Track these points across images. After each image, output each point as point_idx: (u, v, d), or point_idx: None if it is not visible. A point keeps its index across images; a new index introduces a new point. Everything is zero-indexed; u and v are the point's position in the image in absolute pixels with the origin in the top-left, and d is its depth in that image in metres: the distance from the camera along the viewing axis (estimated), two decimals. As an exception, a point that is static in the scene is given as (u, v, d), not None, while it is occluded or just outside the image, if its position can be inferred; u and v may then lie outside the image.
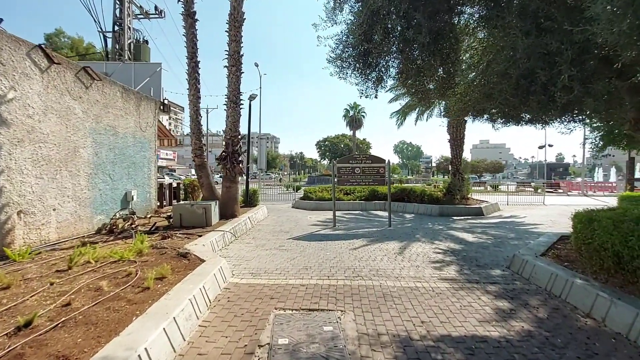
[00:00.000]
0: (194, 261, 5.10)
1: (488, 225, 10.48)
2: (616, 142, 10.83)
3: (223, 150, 10.06)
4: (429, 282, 4.81)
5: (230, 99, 9.85)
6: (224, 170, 9.91)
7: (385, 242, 7.62)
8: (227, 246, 7.17)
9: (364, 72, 5.90)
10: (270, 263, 5.84)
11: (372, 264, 5.74)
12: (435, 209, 13.05)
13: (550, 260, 5.21)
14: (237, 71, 9.82)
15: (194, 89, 11.46)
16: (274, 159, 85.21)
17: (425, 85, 5.95)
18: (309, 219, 11.49)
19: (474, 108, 5.21)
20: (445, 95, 5.81)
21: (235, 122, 9.93)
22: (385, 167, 10.13)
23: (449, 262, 5.98)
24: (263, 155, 25.51)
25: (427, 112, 19.03)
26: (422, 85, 5.94)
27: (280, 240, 7.91)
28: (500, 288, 4.61)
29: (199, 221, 8.50)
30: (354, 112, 54.62)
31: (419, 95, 6.35)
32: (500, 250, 7.00)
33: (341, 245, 7.29)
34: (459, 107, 5.50)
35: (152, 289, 3.91)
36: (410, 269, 5.47)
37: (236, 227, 8.39)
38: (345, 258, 6.18)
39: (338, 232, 9.09)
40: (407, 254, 6.56)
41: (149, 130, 10.57)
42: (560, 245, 6.34)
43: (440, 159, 68.85)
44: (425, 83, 5.78)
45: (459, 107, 5.50)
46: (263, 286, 4.56)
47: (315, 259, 6.09)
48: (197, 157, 11.48)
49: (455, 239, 8.15)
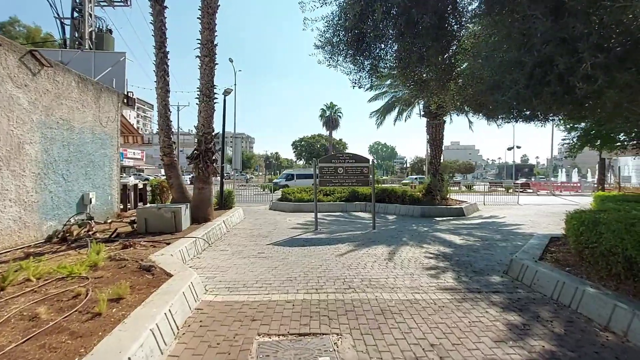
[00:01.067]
0: (160, 276, 4.36)
1: (471, 226, 10.29)
2: (592, 143, 10.97)
3: (195, 148, 9.24)
4: (428, 293, 4.34)
5: (203, 92, 9.06)
6: (196, 170, 9.09)
7: (373, 247, 7.15)
8: (200, 254, 6.42)
9: (357, 59, 5.37)
10: (249, 274, 5.19)
11: (363, 273, 5.23)
12: (417, 210, 12.80)
13: (551, 265, 4.90)
14: (210, 62, 9.04)
15: (163, 81, 10.54)
16: (249, 159, 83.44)
17: (425, 76, 5.50)
18: (288, 222, 10.86)
19: (476, 101, 4.83)
20: (445, 87, 5.41)
21: (208, 118, 9.14)
22: (370, 167, 9.69)
23: (443, 268, 5.57)
24: (238, 155, 24.58)
25: (407, 112, 18.90)
26: (421, 76, 5.49)
27: (259, 246, 7.24)
28: (505, 298, 4.22)
29: (167, 226, 7.67)
30: (331, 112, 54.35)
31: (417, 86, 5.91)
32: (491, 253, 6.71)
33: (326, 251, 6.73)
34: (458, 101, 5.12)
35: (105, 315, 3.18)
36: (405, 278, 5.00)
37: (210, 232, 7.63)
38: (333, 266, 5.63)
39: (321, 236, 8.53)
40: (397, 259, 6.11)
41: (111, 126, 9.55)
42: (553, 247, 6.12)
43: (414, 160, 69.99)
44: (425, 73, 5.34)
45: (458, 101, 5.12)
46: (242, 304, 3.91)
47: (299, 268, 5.50)
48: (166, 156, 10.56)
49: (443, 241, 7.82)
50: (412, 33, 4.37)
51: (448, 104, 5.89)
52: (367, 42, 5.02)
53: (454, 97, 5.21)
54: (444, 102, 6.12)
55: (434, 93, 5.56)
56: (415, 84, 5.79)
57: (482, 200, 18.46)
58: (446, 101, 5.80)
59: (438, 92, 5.48)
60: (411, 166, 70.66)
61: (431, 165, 16.72)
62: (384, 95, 18.51)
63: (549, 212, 14.22)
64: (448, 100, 5.59)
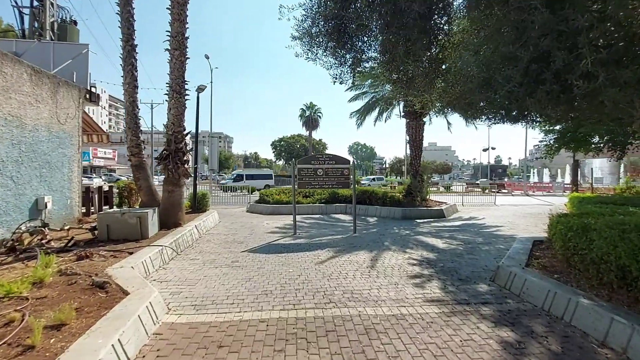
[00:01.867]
0: (114, 294, 3.83)
1: (453, 228, 10.17)
2: (568, 145, 11.13)
3: (164, 148, 8.60)
4: (415, 307, 4.03)
5: (172, 87, 8.44)
6: (165, 171, 8.46)
7: (354, 253, 6.81)
8: (167, 265, 5.87)
9: (338, 52, 4.99)
10: (220, 287, 4.71)
11: (345, 284, 4.86)
12: (397, 212, 12.61)
13: (539, 273, 4.71)
14: (181, 55, 8.44)
15: (130, 76, 9.85)
16: (226, 159, 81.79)
17: (411, 72, 5.17)
18: (265, 226, 10.38)
19: (464, 100, 4.56)
20: (432, 84, 5.11)
21: (179, 115, 8.53)
22: (350, 168, 9.37)
23: (428, 276, 5.29)
24: (215, 155, 23.77)
25: (387, 113, 18.77)
26: (407, 72, 5.16)
27: (234, 253, 6.75)
28: (495, 310, 3.97)
29: (132, 233, 7.04)
30: (311, 112, 53.98)
31: (402, 83, 5.57)
32: (475, 258, 6.51)
33: (305, 259, 6.33)
34: (445, 100, 4.84)
35: (40, 349, 2.67)
36: (389, 288, 4.67)
37: (179, 239, 7.06)
38: (312, 276, 5.23)
39: (300, 241, 8.12)
40: (380, 267, 5.79)
41: (70, 123, 8.77)
42: (538, 252, 5.98)
43: (393, 160, 70.72)
44: (411, 69, 5.01)
45: (445, 100, 4.84)
46: (209, 326, 3.45)
47: (276, 279, 5.07)
48: (134, 156, 9.86)
49: (426, 245, 7.59)
50: (398, 24, 4.03)
51: (434, 103, 5.62)
52: (349, 34, 4.65)
53: (440, 96, 4.93)
54: (430, 101, 5.85)
55: (421, 90, 5.27)
56: (400, 81, 5.46)
57: (460, 201, 18.62)
58: (432, 100, 5.54)
59: (424, 90, 5.19)
60: (390, 167, 71.37)
61: (411, 166, 16.64)
62: (364, 96, 18.32)
63: (526, 213, 14.42)
64: (434, 99, 5.32)
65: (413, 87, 5.20)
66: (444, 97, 4.87)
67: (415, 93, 5.51)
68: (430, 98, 5.29)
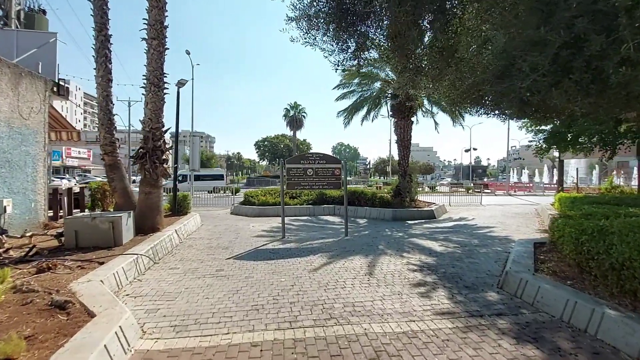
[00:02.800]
0: (78, 316, 3.23)
1: (445, 230, 9.90)
2: (558, 145, 11.09)
3: (141, 146, 7.92)
4: (426, 321, 3.62)
5: (150, 80, 7.77)
6: (142, 171, 7.78)
7: (349, 258, 6.37)
8: (142, 275, 5.25)
9: (340, 35, 4.52)
10: (204, 301, 4.16)
11: (344, 295, 4.40)
12: (388, 213, 12.28)
13: (551, 279, 4.40)
14: (159, 46, 7.78)
15: (104, 69, 9.11)
16: (208, 159, 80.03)
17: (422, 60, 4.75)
18: (252, 229, 9.81)
19: (478, 92, 4.19)
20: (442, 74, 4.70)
21: (157, 111, 7.87)
22: (341, 168, 8.93)
23: (432, 283, 4.91)
24: (196, 155, 22.89)
25: (374, 112, 18.47)
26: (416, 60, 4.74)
27: (218, 261, 6.18)
28: (513, 323, 3.60)
29: (104, 240, 6.37)
30: (295, 111, 53.40)
31: (409, 73, 5.12)
32: (475, 262, 6.19)
33: (297, 266, 5.84)
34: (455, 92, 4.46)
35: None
36: (394, 299, 4.25)
37: (157, 245, 6.43)
38: (307, 286, 4.75)
39: (289, 245, 7.61)
40: (379, 274, 5.37)
41: (35, 118, 7.96)
42: (542, 255, 5.71)
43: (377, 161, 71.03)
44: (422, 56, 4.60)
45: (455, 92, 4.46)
46: (192, 353, 2.92)
47: (267, 290, 4.56)
48: (107, 155, 9.12)
49: (423, 249, 7.24)
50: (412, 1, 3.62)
51: (442, 96, 5.25)
52: (353, 14, 4.19)
53: (451, 87, 4.53)
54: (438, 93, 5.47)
55: (431, 81, 4.86)
56: (408, 70, 5.02)
57: (447, 201, 18.53)
58: (441, 92, 5.16)
59: (434, 80, 4.79)
60: (374, 167, 71.69)
61: (400, 166, 16.40)
62: (352, 94, 17.95)
63: (513, 213, 14.38)
64: (443, 91, 4.93)
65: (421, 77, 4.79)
66: (452, 91, 4.49)
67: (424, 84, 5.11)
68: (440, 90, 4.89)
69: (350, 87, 17.41)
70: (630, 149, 10.01)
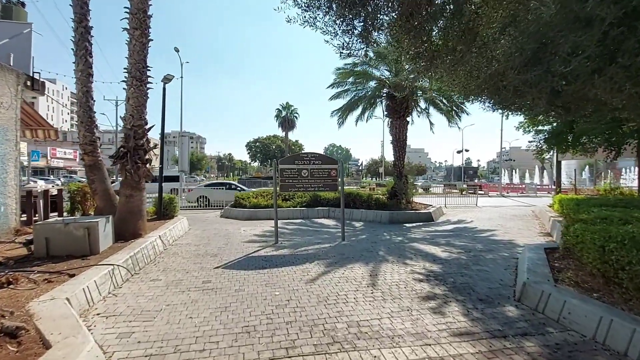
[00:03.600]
0: (30, 347, 2.67)
1: (446, 233, 9.49)
2: (558, 145, 10.79)
3: (121, 145, 7.30)
4: (443, 345, 3.14)
5: (132, 73, 7.17)
6: (122, 172, 7.17)
7: (348, 267, 5.88)
8: (119, 289, 4.67)
9: (344, 15, 4.01)
10: (187, 322, 3.62)
11: (347, 311, 3.90)
12: (385, 215, 11.84)
13: (577, 292, 3.97)
14: (142, 36, 7.19)
15: (84, 63, 8.53)
16: (199, 160, 78.90)
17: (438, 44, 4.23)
18: (242, 233, 9.25)
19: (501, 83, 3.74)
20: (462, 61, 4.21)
21: (139, 107, 7.27)
22: (338, 169, 8.45)
23: (442, 296, 4.44)
24: (185, 155, 22.14)
25: (369, 112, 18.04)
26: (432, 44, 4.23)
27: (206, 270, 5.63)
28: (542, 346, 3.15)
29: (78, 248, 5.76)
30: (287, 112, 52.82)
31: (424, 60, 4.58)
32: (484, 270, 5.76)
33: (293, 275, 5.32)
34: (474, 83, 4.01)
35: None
36: (403, 316, 3.77)
37: (138, 253, 5.84)
38: (305, 300, 4.24)
39: (283, 251, 7.09)
40: (383, 285, 4.89)
41: (5, 114, 7.29)
42: (556, 262, 5.31)
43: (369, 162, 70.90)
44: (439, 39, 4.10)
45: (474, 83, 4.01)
46: (168, 395, 2.38)
47: (260, 307, 4.03)
48: (87, 155, 8.53)
49: (426, 255, 6.79)
50: None
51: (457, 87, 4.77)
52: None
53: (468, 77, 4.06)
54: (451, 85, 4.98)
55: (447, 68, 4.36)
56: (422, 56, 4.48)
57: (442, 203, 18.23)
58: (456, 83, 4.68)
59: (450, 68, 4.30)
60: (367, 168, 71.50)
61: (395, 167, 16.02)
62: (346, 94, 17.48)
63: (511, 215, 14.09)
64: (458, 81, 4.45)
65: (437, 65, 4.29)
66: (470, 80, 4.03)
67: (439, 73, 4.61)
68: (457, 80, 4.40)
69: (345, 85, 16.97)
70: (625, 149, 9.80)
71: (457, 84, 4.29)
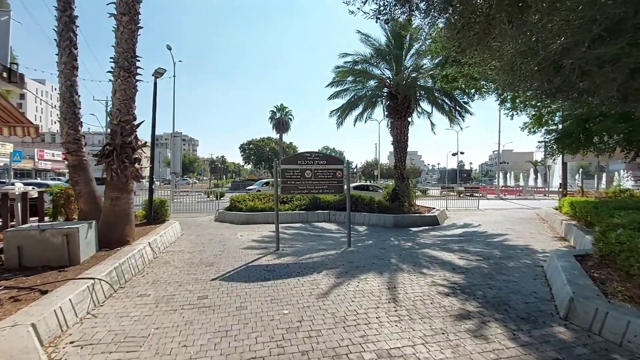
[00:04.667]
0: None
1: (456, 238, 8.94)
2: (569, 146, 10.36)
3: (107, 142, 6.61)
4: (499, 381, 2.55)
5: (119, 63, 6.51)
6: (108, 172, 6.47)
7: (361, 277, 5.27)
8: (99, 308, 3.99)
9: None
10: (181, 352, 2.97)
11: (372, 336, 3.29)
12: (389, 219, 11.26)
13: (638, 310, 3.43)
14: (130, 23, 6.53)
15: (68, 54, 7.86)
16: (191, 162, 77.74)
17: (485, 12, 3.55)
18: (240, 239, 8.58)
19: (569, 61, 3.15)
20: (519, 31, 3.53)
21: (127, 100, 6.59)
22: (344, 170, 7.85)
23: (477, 314, 3.86)
24: (178, 157, 21.43)
25: (367, 112, 17.50)
26: (477, 11, 3.58)
27: (201, 283, 4.97)
28: (618, 381, 2.58)
29: (56, 257, 5.08)
30: (281, 114, 52.17)
31: (475, 30, 3.84)
32: (512, 280, 5.20)
33: (301, 289, 4.70)
34: (525, 63, 3.41)
35: None
36: (440, 342, 3.17)
37: (123, 264, 5.15)
38: (320, 321, 3.62)
39: (286, 259, 6.45)
40: (406, 299, 4.29)
41: (-25, 108, 6.55)
42: (594, 272, 4.77)
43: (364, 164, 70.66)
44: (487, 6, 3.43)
45: (525, 63, 3.41)
46: None
47: (267, 330, 3.40)
48: (71, 155, 7.84)
49: (442, 263, 6.22)
50: None
51: (503, 71, 4.05)
52: None
53: (520, 56, 3.41)
54: (494, 70, 4.26)
55: (500, 42, 3.68)
56: (473, 27, 3.77)
57: (442, 205, 17.76)
58: (502, 64, 3.94)
59: (503, 43, 3.63)
60: (361, 170, 71.06)
61: (396, 169, 15.50)
62: (345, 93, 16.91)
63: (517, 218, 13.65)
64: (506, 60, 3.74)
65: (489, 40, 3.66)
66: (522, 62, 3.38)
67: (488, 53, 3.89)
68: (505, 58, 3.74)
69: (344, 84, 16.42)
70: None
71: (502, 65, 3.70)
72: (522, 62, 3.37)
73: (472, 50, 3.71)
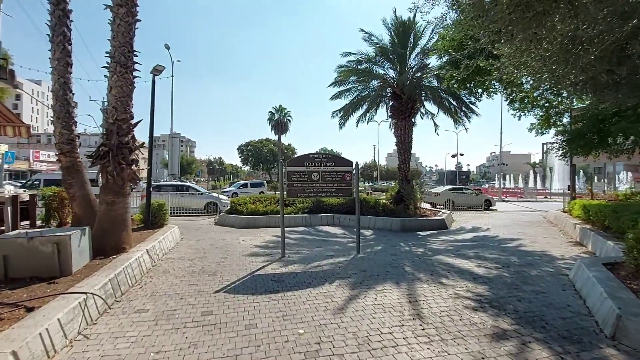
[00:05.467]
0: None
1: (468, 243, 8.57)
2: (583, 148, 10.04)
3: (102, 142, 6.19)
4: (563, 423, 2.16)
5: (115, 58, 6.09)
6: (103, 174, 6.05)
7: (377, 288, 4.88)
8: (92, 327, 3.58)
9: None
10: (185, 383, 2.57)
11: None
12: (395, 223, 10.87)
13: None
14: (127, 15, 6.13)
15: (61, 50, 7.48)
16: (189, 163, 77.14)
17: None
18: (242, 244, 8.17)
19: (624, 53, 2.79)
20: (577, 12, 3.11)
21: (124, 98, 6.18)
22: (353, 172, 7.47)
23: (514, 333, 3.47)
24: (176, 158, 20.99)
25: (370, 113, 17.14)
26: None
27: (204, 295, 4.56)
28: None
29: (45, 267, 4.66)
30: (280, 115, 51.79)
31: (531, 12, 3.38)
32: (540, 291, 4.82)
33: (314, 302, 4.30)
34: (576, 69, 3.01)
35: None
36: (480, 369, 2.78)
37: (119, 275, 4.74)
38: (340, 342, 3.22)
39: (293, 267, 6.05)
40: (431, 316, 3.90)
41: (-40, 106, 6.12)
42: (632, 284, 4.41)
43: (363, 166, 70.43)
44: None
45: (576, 69, 3.01)
46: None
47: (282, 355, 2.99)
48: (64, 155, 7.44)
49: (460, 271, 5.84)
50: None
51: (545, 62, 3.60)
52: None
53: (572, 44, 2.97)
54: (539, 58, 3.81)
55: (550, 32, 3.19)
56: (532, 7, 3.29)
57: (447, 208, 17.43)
58: (554, 56, 3.49)
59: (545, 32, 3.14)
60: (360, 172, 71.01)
61: (400, 171, 15.18)
62: (347, 93, 16.56)
63: (525, 221, 13.32)
64: (550, 56, 3.30)
65: (540, 30, 3.21)
66: (583, 50, 2.94)
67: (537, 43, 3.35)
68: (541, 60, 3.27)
69: (347, 84, 16.10)
70: None
71: (548, 57, 3.29)
72: (581, 49, 2.97)
73: (525, 35, 3.30)
